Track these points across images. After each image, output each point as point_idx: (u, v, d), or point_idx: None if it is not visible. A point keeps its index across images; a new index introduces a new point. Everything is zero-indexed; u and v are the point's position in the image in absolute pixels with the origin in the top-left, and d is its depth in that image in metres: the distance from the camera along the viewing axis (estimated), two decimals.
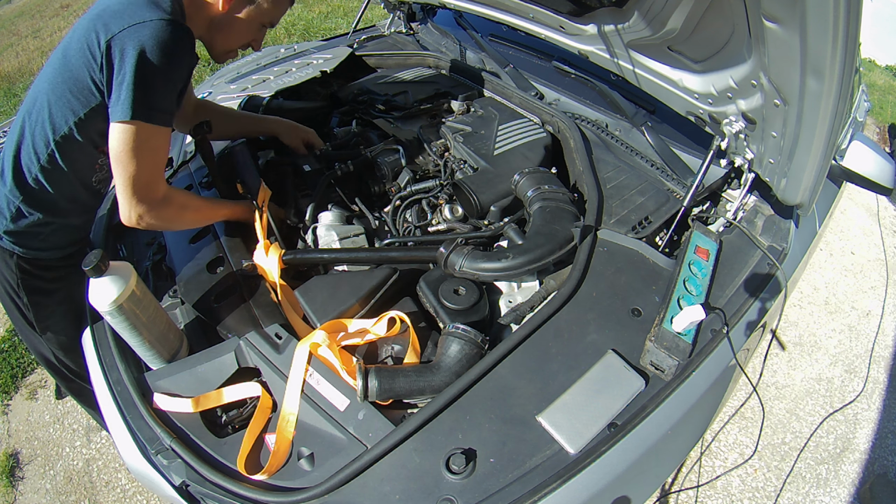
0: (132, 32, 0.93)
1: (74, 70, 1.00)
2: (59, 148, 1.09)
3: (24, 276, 1.25)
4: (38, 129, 1.08)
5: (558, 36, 1.69)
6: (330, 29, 5.40)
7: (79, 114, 1.04)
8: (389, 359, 1.08)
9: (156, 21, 0.94)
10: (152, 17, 0.95)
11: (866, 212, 3.28)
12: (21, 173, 1.12)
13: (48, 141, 1.08)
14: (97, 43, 0.95)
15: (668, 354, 0.96)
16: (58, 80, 1.03)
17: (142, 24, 0.94)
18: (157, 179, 1.05)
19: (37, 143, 1.09)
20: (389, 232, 1.40)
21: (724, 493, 1.84)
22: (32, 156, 1.10)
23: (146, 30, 0.93)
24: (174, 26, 0.96)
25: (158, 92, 0.98)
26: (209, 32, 1.14)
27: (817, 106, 0.90)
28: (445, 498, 0.83)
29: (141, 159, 1.00)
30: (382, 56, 2.22)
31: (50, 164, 1.11)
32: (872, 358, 2.35)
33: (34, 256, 1.24)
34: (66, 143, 1.08)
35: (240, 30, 1.16)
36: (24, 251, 1.22)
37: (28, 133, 1.09)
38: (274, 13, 1.17)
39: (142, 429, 1.00)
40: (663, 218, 1.31)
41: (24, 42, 6.30)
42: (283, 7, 1.18)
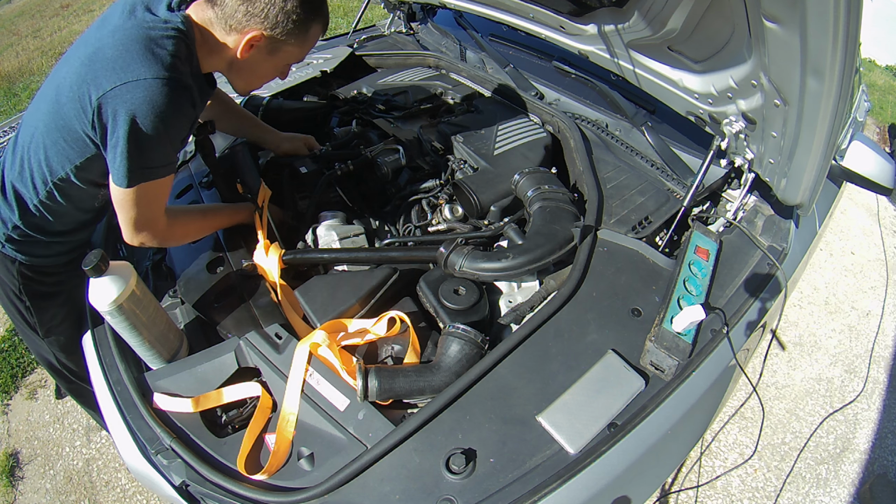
0: (124, 93, 0.87)
1: (67, 119, 0.95)
2: (58, 188, 1.07)
3: (26, 282, 1.25)
4: (35, 168, 1.05)
5: (558, 36, 1.69)
6: (330, 29, 5.38)
7: (75, 162, 1.02)
8: (389, 359, 1.08)
9: (149, 80, 0.87)
10: (146, 74, 0.87)
11: (866, 212, 3.28)
12: (21, 199, 1.10)
13: (46, 180, 1.05)
14: (88, 99, 0.89)
15: (668, 354, 0.96)
16: (52, 125, 0.98)
17: (134, 84, 0.87)
18: (158, 217, 1.05)
19: (35, 180, 1.06)
20: (389, 232, 1.39)
21: (724, 493, 1.84)
22: (31, 189, 1.08)
23: (139, 91, 0.87)
24: (170, 86, 0.89)
25: (155, 152, 0.94)
26: (229, 72, 1.09)
27: (817, 106, 0.89)
28: (445, 498, 0.83)
29: (142, 207, 1.00)
30: (382, 56, 2.22)
31: (49, 200, 1.09)
32: (872, 358, 2.34)
33: (36, 263, 1.23)
34: (64, 184, 1.06)
35: (263, 72, 1.10)
36: (27, 258, 1.21)
37: (26, 166, 1.06)
38: (300, 55, 1.09)
39: (142, 429, 1.00)
40: (663, 218, 1.31)
41: (24, 42, 6.30)
42: (311, 44, 1.08)
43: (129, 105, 0.87)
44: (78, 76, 0.92)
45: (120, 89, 0.87)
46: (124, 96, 0.87)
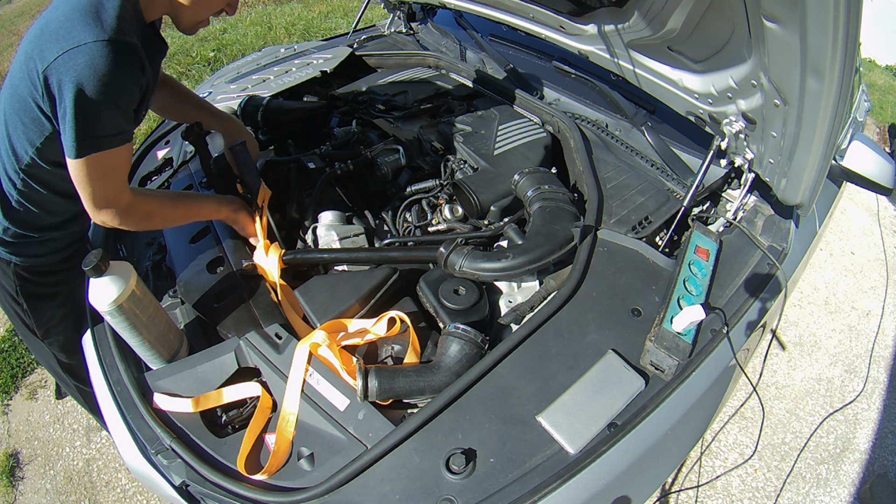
0: (67, 61, 0.85)
1: (22, 98, 0.95)
2: (28, 174, 1.07)
3: (23, 284, 1.24)
4: (5, 158, 1.05)
5: (558, 36, 1.69)
6: (330, 29, 5.40)
7: (35, 143, 1.01)
8: (389, 359, 1.08)
9: (90, 45, 0.85)
10: (87, 38, 0.86)
11: (866, 212, 3.28)
12: (4, 196, 1.10)
13: (16, 169, 1.06)
14: (36, 73, 0.89)
15: (668, 354, 0.96)
16: (10, 109, 0.99)
17: (76, 50, 0.85)
18: (118, 193, 1.01)
19: (8, 171, 1.07)
20: (389, 232, 1.40)
21: (724, 493, 1.84)
22: (8, 182, 1.08)
23: (81, 57, 0.85)
24: (112, 47, 0.87)
25: (104, 120, 0.92)
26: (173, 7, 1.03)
27: (817, 106, 0.89)
28: (445, 498, 0.83)
29: (99, 181, 0.97)
30: (382, 56, 2.22)
31: (26, 188, 1.08)
32: (872, 358, 2.34)
33: (32, 264, 1.23)
34: (32, 169, 1.06)
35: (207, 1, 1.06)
36: (22, 259, 1.20)
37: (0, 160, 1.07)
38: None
39: (142, 429, 1.00)
40: (663, 218, 1.31)
41: None
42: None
43: (72, 72, 0.85)
44: (25, 53, 0.92)
45: (62, 58, 0.86)
46: (67, 64, 0.85)
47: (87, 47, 0.85)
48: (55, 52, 0.86)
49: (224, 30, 5.64)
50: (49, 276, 1.28)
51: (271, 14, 5.94)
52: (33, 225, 1.16)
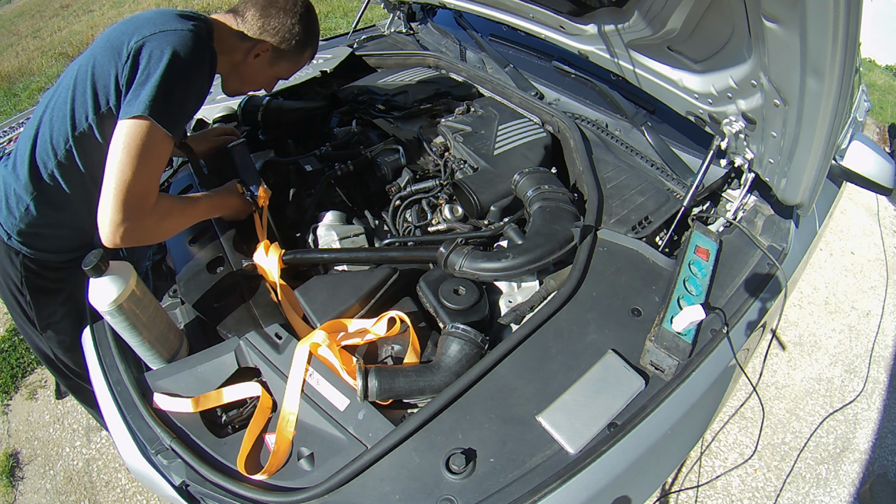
0: (164, 37, 0.97)
1: (100, 68, 1.01)
2: (77, 144, 1.08)
3: (29, 275, 1.25)
4: (57, 125, 1.07)
5: (558, 36, 1.69)
6: (330, 29, 5.40)
7: (100, 110, 1.04)
8: (389, 359, 1.08)
9: (188, 31, 0.99)
10: (183, 27, 1.00)
11: (866, 212, 3.28)
12: (36, 168, 1.10)
13: (67, 137, 1.07)
14: (127, 43, 0.98)
15: (668, 354, 0.96)
16: (82, 76, 1.03)
17: (174, 32, 0.98)
18: (151, 190, 1.01)
19: (55, 139, 1.08)
20: (389, 232, 1.39)
21: (724, 493, 1.84)
22: (50, 151, 1.09)
23: (178, 37, 0.98)
24: (205, 41, 1.02)
25: (177, 98, 0.99)
26: (229, 70, 1.22)
27: (817, 106, 0.89)
28: (445, 498, 0.83)
29: (141, 163, 0.96)
30: (382, 56, 2.22)
31: (67, 161, 1.10)
32: (872, 358, 2.34)
33: (40, 257, 1.24)
34: (84, 140, 1.07)
35: (258, 79, 1.27)
36: (32, 251, 1.21)
37: (47, 128, 1.08)
38: (292, 69, 1.31)
39: (142, 429, 1.00)
40: (663, 218, 1.31)
41: (24, 42, 6.31)
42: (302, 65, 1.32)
43: (168, 46, 0.97)
44: (116, 34, 1.02)
45: (160, 35, 0.98)
46: (164, 39, 0.97)
47: (185, 32, 0.99)
48: (153, 29, 0.98)
49: None
50: (54, 271, 1.29)
51: None
52: (55, 203, 1.15)
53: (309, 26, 1.24)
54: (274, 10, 1.17)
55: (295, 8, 1.20)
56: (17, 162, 1.13)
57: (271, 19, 1.17)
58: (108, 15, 6.72)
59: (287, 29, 1.19)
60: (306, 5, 1.23)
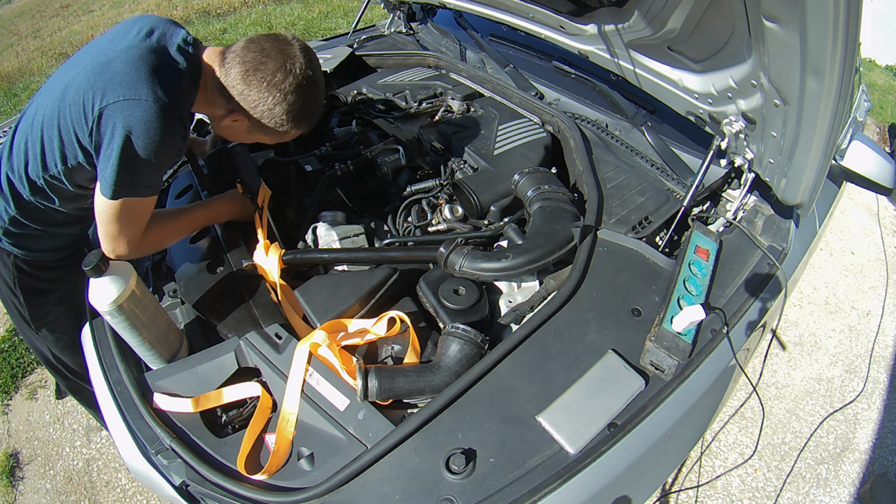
0: (125, 108, 0.91)
1: (68, 121, 0.97)
2: (48, 185, 1.08)
3: (21, 276, 1.26)
4: (31, 160, 1.05)
5: (558, 36, 1.69)
6: (330, 29, 5.40)
7: (67, 163, 1.02)
8: (389, 359, 1.08)
9: (150, 102, 0.91)
10: (149, 97, 0.91)
11: (866, 212, 3.28)
12: (15, 190, 1.10)
13: (38, 175, 1.06)
14: (91, 106, 0.93)
15: (668, 354, 0.96)
16: (53, 122, 1.00)
17: (136, 102, 0.91)
18: (136, 235, 1.05)
19: (30, 170, 1.07)
20: (389, 232, 1.40)
21: (724, 493, 1.84)
22: (25, 181, 1.08)
23: (138, 111, 0.91)
24: (167, 114, 0.93)
25: (143, 171, 0.97)
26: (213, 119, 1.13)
27: (817, 106, 0.90)
28: (445, 498, 0.83)
29: (122, 222, 1.01)
30: (382, 56, 2.22)
31: (41, 193, 1.10)
32: (872, 358, 2.34)
33: (33, 258, 1.24)
34: (54, 181, 1.07)
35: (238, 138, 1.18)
36: (23, 253, 1.22)
37: (21, 158, 1.06)
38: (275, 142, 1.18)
39: (142, 429, 1.00)
40: (663, 218, 1.31)
41: (24, 42, 6.30)
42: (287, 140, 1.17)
43: (127, 121, 0.91)
44: (87, 81, 0.94)
45: (122, 104, 0.91)
46: (125, 112, 0.91)
47: (147, 104, 0.91)
48: (116, 97, 0.91)
49: (224, 30, 5.65)
50: (48, 271, 1.29)
51: (271, 14, 5.94)
52: (41, 220, 1.17)
53: (296, 107, 1.05)
54: (256, 81, 1.00)
55: (282, 85, 1.01)
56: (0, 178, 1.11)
57: (252, 89, 1.01)
58: (108, 15, 6.72)
59: (267, 108, 1.03)
60: (300, 83, 1.03)
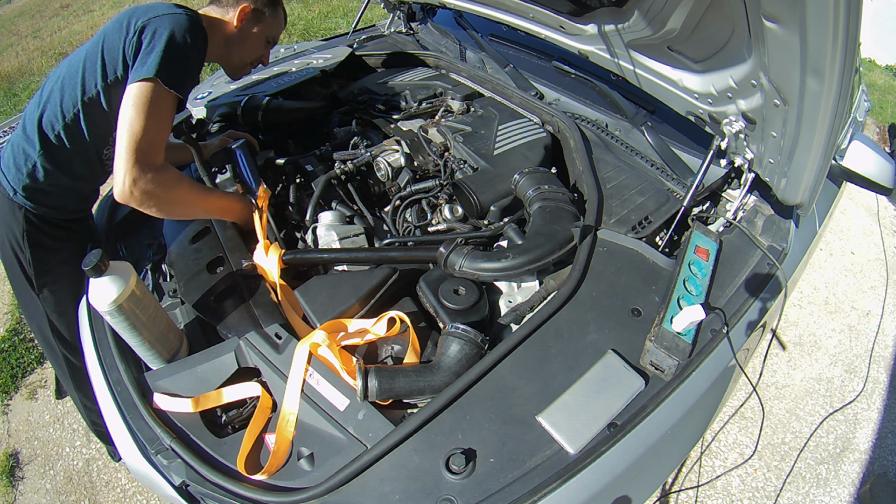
0: (164, 19, 1.12)
1: (109, 42, 1.15)
2: (85, 109, 1.19)
3: (30, 229, 1.30)
4: (68, 90, 1.19)
5: (558, 36, 1.69)
6: (330, 29, 5.39)
7: (107, 79, 1.16)
8: (389, 359, 1.08)
9: (183, 15, 1.14)
10: (180, 11, 1.15)
11: (866, 212, 3.29)
12: (43, 129, 1.21)
13: (76, 101, 1.18)
14: (133, 23, 1.12)
15: (668, 354, 0.96)
16: (93, 51, 1.17)
17: (174, 14, 1.13)
18: (159, 145, 1.11)
19: (65, 103, 1.19)
20: (389, 232, 1.40)
21: (724, 493, 1.84)
22: (59, 114, 1.19)
23: (176, 19, 1.13)
24: (197, 23, 1.16)
25: (181, 63, 1.12)
26: (226, 49, 1.32)
27: (817, 106, 0.89)
28: (445, 498, 0.83)
29: (149, 119, 1.07)
30: (382, 56, 2.22)
31: (73, 124, 1.20)
32: (872, 358, 2.34)
33: (42, 212, 1.29)
34: (91, 105, 1.19)
35: (252, 45, 1.35)
36: (34, 206, 1.27)
37: (57, 94, 1.20)
38: (276, 28, 1.39)
39: (142, 429, 1.00)
40: (663, 218, 1.31)
41: (24, 42, 6.31)
42: (281, 23, 1.42)
43: (168, 24, 1.11)
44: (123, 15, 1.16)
45: (163, 17, 1.13)
46: (166, 19, 1.12)
47: (182, 15, 1.14)
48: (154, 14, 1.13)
49: None
50: (56, 228, 1.34)
51: None
52: (59, 161, 1.25)
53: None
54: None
55: None
56: (27, 123, 1.23)
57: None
58: (108, 15, 6.72)
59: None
60: None
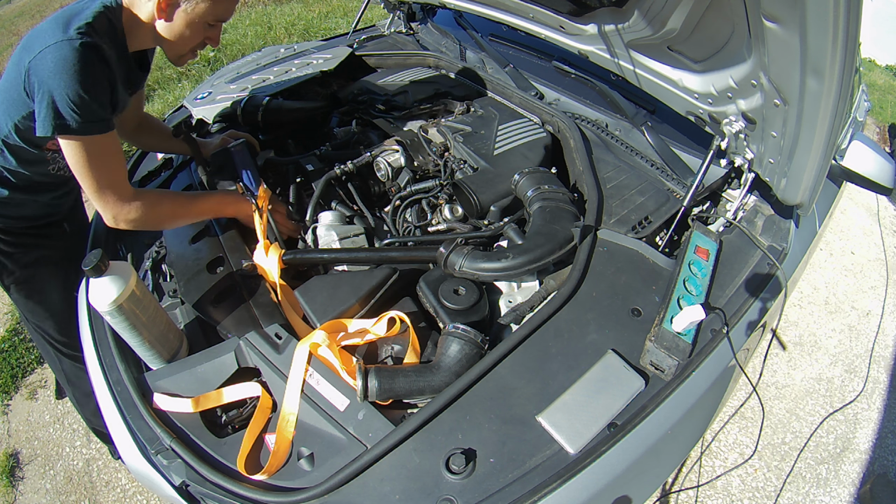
0: (42, 56, 1.00)
1: (13, 80, 1.08)
2: (6, 146, 1.18)
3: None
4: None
5: (558, 36, 1.69)
6: (330, 29, 5.40)
7: (15, 118, 1.12)
8: (389, 359, 1.08)
9: (63, 42, 1.00)
10: (56, 38, 1.00)
11: (866, 212, 3.29)
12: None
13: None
14: (23, 64, 1.03)
15: (667, 354, 0.96)
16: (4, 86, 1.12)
17: (49, 48, 1.00)
18: (117, 182, 1.10)
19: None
20: (389, 232, 1.40)
21: (724, 493, 1.84)
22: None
23: (51, 52, 1.00)
24: (73, 45, 1.00)
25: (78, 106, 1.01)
26: (157, 41, 1.19)
27: (817, 106, 0.89)
28: (445, 498, 0.83)
29: (92, 167, 1.06)
30: (382, 56, 2.22)
31: (1, 158, 1.20)
32: (872, 358, 2.35)
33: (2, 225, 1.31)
34: (10, 142, 1.17)
35: (184, 34, 1.17)
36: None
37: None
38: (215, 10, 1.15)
39: (142, 429, 1.00)
40: (663, 218, 1.31)
41: None
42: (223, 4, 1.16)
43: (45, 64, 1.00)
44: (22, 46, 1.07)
45: (41, 54, 1.00)
46: (42, 58, 1.00)
47: (56, 45, 1.00)
48: (37, 48, 1.01)
49: (224, 30, 5.64)
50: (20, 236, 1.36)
51: (271, 14, 5.94)
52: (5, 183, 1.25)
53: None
54: None
55: None
56: None
57: None
58: None
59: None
60: None
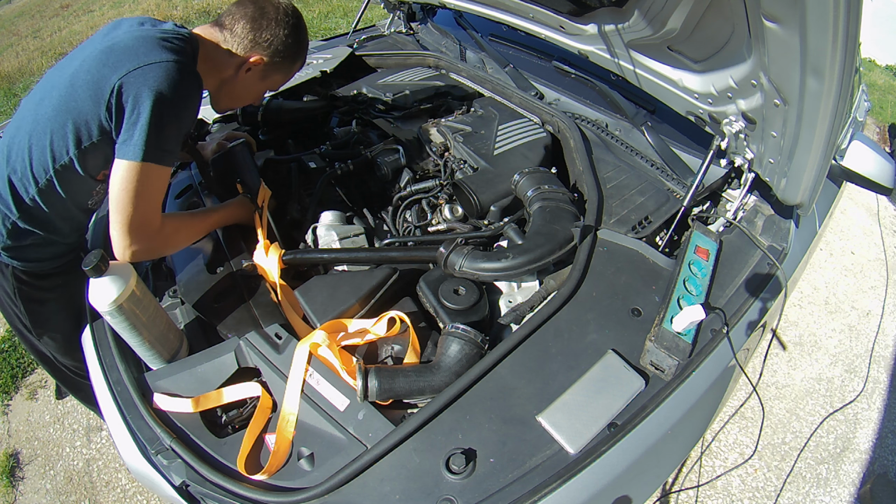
0: (145, 73, 0.95)
1: (80, 102, 0.99)
2: (58, 176, 1.07)
3: (20, 286, 1.25)
4: (36, 155, 1.05)
5: (558, 36, 1.69)
6: (330, 29, 5.39)
7: (82, 145, 1.03)
8: (389, 359, 1.09)
9: (168, 63, 0.96)
10: (164, 58, 0.96)
11: (866, 212, 3.28)
12: (17, 192, 1.09)
13: (47, 168, 1.06)
14: (107, 81, 0.96)
15: (668, 354, 0.96)
16: (62, 108, 1.01)
17: (155, 66, 0.95)
18: (154, 217, 1.04)
19: (35, 168, 1.06)
20: (389, 232, 1.40)
21: (724, 493, 1.84)
22: (30, 179, 1.07)
23: (160, 71, 0.95)
24: (185, 69, 0.99)
25: (170, 134, 0.99)
26: (217, 88, 1.20)
27: (817, 106, 0.90)
28: (445, 498, 0.83)
29: (142, 200, 1.00)
30: (382, 56, 2.22)
31: (47, 189, 1.09)
32: (872, 358, 2.34)
33: (31, 268, 1.24)
34: (64, 171, 1.07)
35: (249, 94, 1.25)
36: (21, 264, 1.21)
37: (25, 155, 1.06)
38: (280, 84, 1.28)
39: (142, 429, 1.00)
40: (663, 218, 1.31)
41: (24, 42, 6.30)
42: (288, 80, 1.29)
43: (152, 83, 0.95)
44: (96, 64, 0.98)
45: (141, 70, 0.95)
46: (147, 76, 0.95)
47: (165, 64, 0.96)
48: (133, 65, 0.95)
49: None
50: (46, 279, 1.28)
51: None
52: (38, 222, 1.15)
53: (299, 37, 1.22)
54: (265, 23, 1.14)
55: (286, 19, 1.17)
56: None
57: (263, 32, 1.14)
58: (108, 15, 6.72)
59: (280, 41, 1.16)
60: (296, 15, 1.21)
